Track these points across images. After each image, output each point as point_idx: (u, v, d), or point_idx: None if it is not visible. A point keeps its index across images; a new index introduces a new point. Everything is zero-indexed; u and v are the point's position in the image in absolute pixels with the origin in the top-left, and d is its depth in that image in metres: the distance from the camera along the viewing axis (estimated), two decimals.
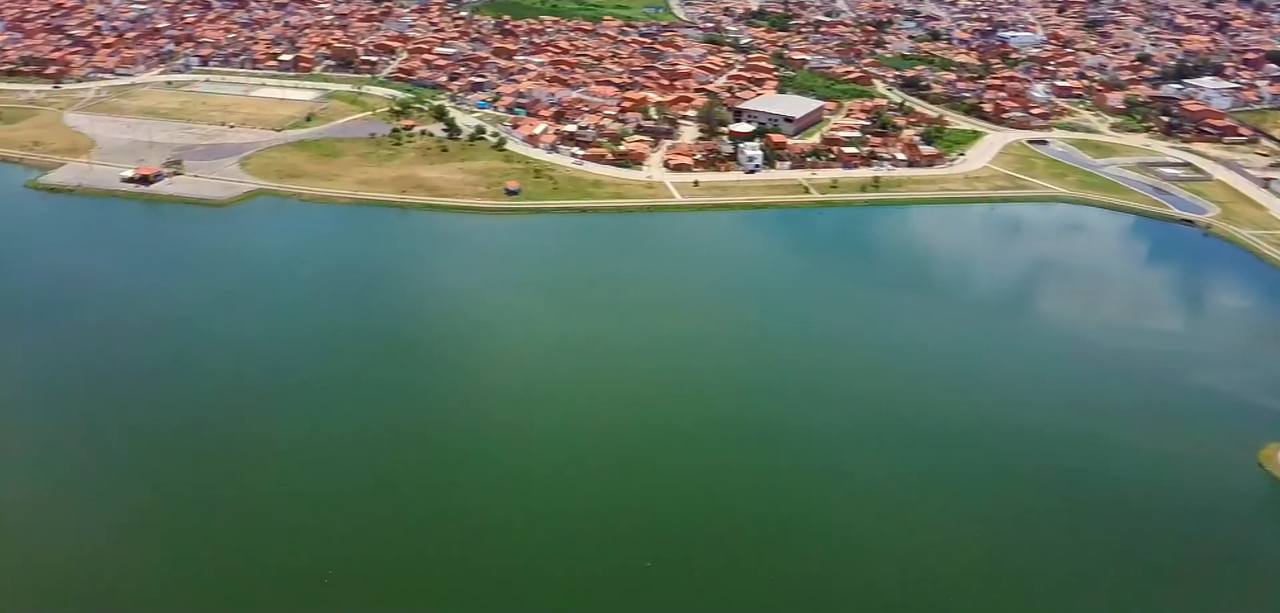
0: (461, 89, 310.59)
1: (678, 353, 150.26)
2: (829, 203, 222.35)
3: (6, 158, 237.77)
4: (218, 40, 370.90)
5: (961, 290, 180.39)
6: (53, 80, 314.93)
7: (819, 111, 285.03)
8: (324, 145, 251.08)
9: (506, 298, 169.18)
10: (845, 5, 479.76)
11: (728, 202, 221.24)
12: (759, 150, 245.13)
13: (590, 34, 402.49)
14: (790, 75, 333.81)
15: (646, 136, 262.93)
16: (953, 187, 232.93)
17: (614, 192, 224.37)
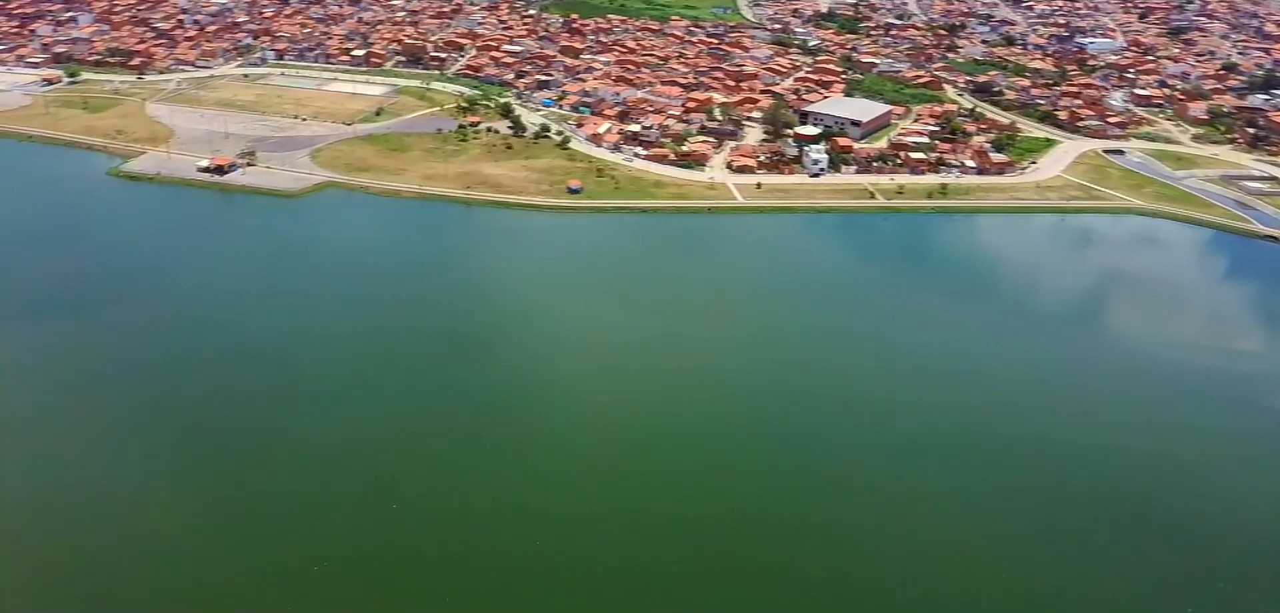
0: (528, 87, 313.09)
1: (734, 356, 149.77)
2: (894, 209, 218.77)
3: (91, 146, 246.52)
4: (294, 34, 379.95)
5: (1028, 302, 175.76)
6: (137, 71, 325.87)
7: (887, 116, 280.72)
8: (392, 140, 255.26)
9: (563, 296, 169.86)
10: (917, 8, 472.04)
11: (790, 205, 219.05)
12: (824, 154, 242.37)
13: (657, 34, 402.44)
14: (858, 78, 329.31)
15: (710, 137, 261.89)
16: (1023, 195, 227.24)
17: (675, 192, 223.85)
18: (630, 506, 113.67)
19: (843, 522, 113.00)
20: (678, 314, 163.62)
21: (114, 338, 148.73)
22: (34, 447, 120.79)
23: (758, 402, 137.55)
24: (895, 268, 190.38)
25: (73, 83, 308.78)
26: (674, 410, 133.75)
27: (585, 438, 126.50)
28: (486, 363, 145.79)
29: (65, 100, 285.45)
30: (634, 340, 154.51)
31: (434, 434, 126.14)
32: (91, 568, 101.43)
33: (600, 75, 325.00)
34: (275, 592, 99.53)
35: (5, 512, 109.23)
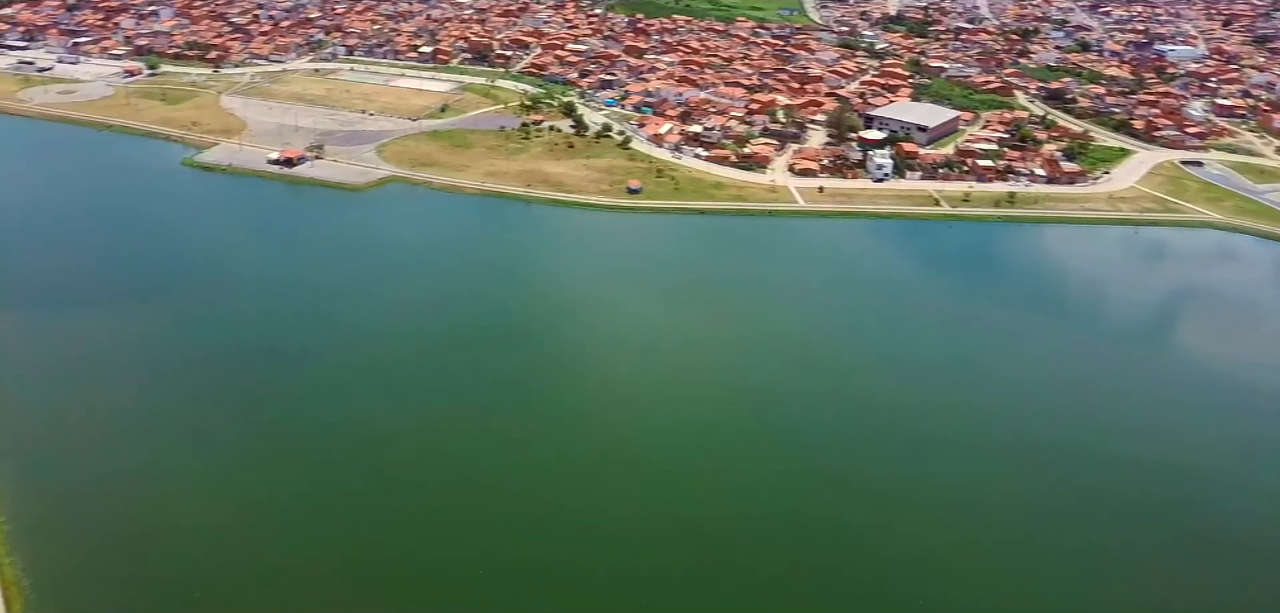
0: (591, 86, 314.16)
1: (789, 363, 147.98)
2: (959, 217, 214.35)
3: (168, 136, 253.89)
4: (364, 30, 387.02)
5: (1096, 317, 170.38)
6: (213, 64, 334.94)
7: (954, 122, 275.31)
8: (456, 136, 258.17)
9: (619, 296, 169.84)
10: (989, 12, 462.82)
11: (852, 210, 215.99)
12: (889, 159, 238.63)
13: (722, 34, 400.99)
14: (926, 83, 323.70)
15: (773, 140, 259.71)
16: (1094, 206, 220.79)
17: (736, 194, 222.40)
18: (678, 509, 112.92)
19: (899, 532, 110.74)
20: (731, 317, 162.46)
21: (179, 325, 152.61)
22: (96, 431, 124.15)
23: (811, 409, 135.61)
24: (958, 277, 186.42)
25: (153, 75, 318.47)
26: (727, 414, 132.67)
27: (636, 439, 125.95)
28: (539, 361, 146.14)
29: (145, 92, 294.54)
30: (686, 341, 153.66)
31: (486, 433, 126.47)
32: (144, 554, 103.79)
33: (663, 75, 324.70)
34: (321, 584, 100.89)
35: (64, 494, 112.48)
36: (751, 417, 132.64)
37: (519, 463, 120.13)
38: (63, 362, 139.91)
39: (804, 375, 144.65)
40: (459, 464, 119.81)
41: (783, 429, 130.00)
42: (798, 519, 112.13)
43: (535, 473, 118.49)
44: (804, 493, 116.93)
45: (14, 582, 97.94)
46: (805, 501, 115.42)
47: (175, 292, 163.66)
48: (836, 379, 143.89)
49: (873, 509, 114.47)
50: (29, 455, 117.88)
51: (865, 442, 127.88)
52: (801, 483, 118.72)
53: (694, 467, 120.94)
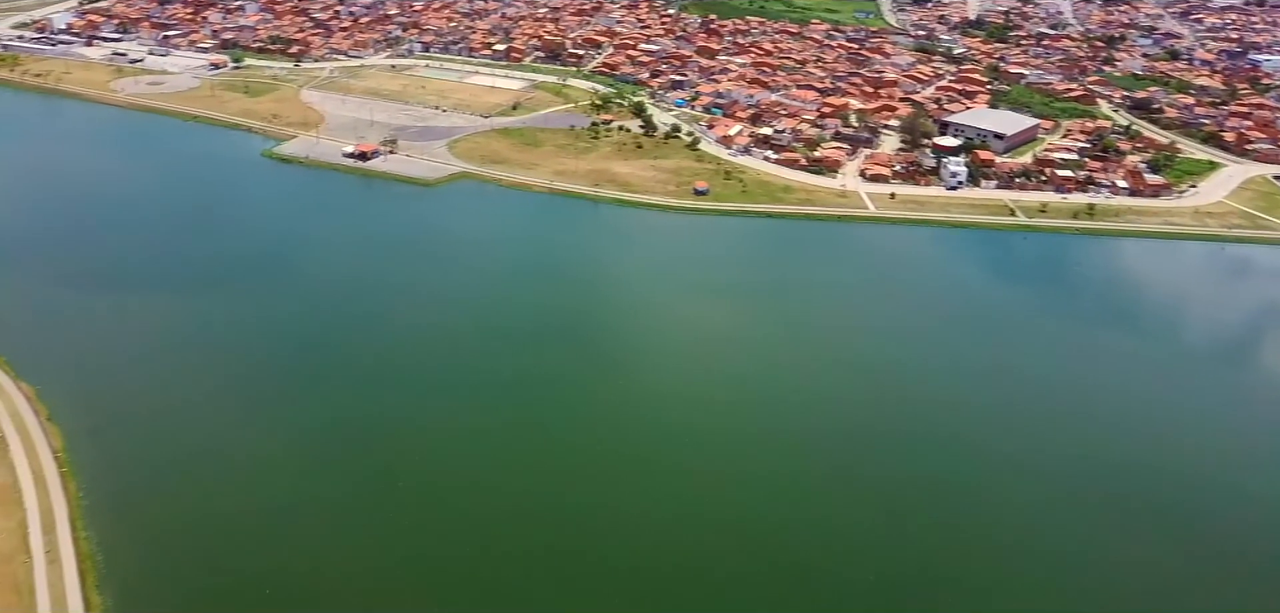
0: (661, 86, 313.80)
1: (850, 371, 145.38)
2: (1035, 228, 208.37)
3: (249, 128, 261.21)
4: (440, 27, 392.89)
5: (1177, 335, 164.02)
6: (295, 59, 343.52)
7: (1033, 130, 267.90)
8: (526, 134, 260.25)
9: (679, 297, 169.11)
10: (1073, 18, 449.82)
11: (924, 217, 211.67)
12: (963, 166, 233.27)
13: (795, 36, 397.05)
14: (1004, 90, 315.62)
15: (844, 144, 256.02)
16: (1179, 221, 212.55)
17: (804, 198, 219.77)
18: (729, 513, 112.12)
19: (954, 552, 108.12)
20: (793, 322, 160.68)
21: (252, 312, 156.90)
22: (171, 412, 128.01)
23: (868, 418, 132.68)
24: (1031, 289, 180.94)
25: (237, 68, 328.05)
26: (782, 421, 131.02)
27: (691, 441, 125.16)
28: (596, 360, 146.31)
29: (229, 84, 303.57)
30: (746, 346, 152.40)
31: (544, 431, 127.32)
32: (211, 534, 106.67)
33: (735, 77, 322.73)
34: (378, 574, 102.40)
35: (138, 473, 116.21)
36: (808, 424, 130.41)
37: (575, 462, 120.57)
38: (142, 344, 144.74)
39: (864, 383, 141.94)
40: (517, 462, 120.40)
41: (839, 438, 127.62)
42: (842, 530, 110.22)
43: (590, 472, 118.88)
44: (857, 503, 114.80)
45: (88, 555, 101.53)
46: (855, 511, 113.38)
47: (250, 280, 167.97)
48: (899, 391, 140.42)
49: (930, 532, 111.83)
50: (108, 434, 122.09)
51: (926, 458, 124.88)
52: (854, 493, 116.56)
53: (751, 472, 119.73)
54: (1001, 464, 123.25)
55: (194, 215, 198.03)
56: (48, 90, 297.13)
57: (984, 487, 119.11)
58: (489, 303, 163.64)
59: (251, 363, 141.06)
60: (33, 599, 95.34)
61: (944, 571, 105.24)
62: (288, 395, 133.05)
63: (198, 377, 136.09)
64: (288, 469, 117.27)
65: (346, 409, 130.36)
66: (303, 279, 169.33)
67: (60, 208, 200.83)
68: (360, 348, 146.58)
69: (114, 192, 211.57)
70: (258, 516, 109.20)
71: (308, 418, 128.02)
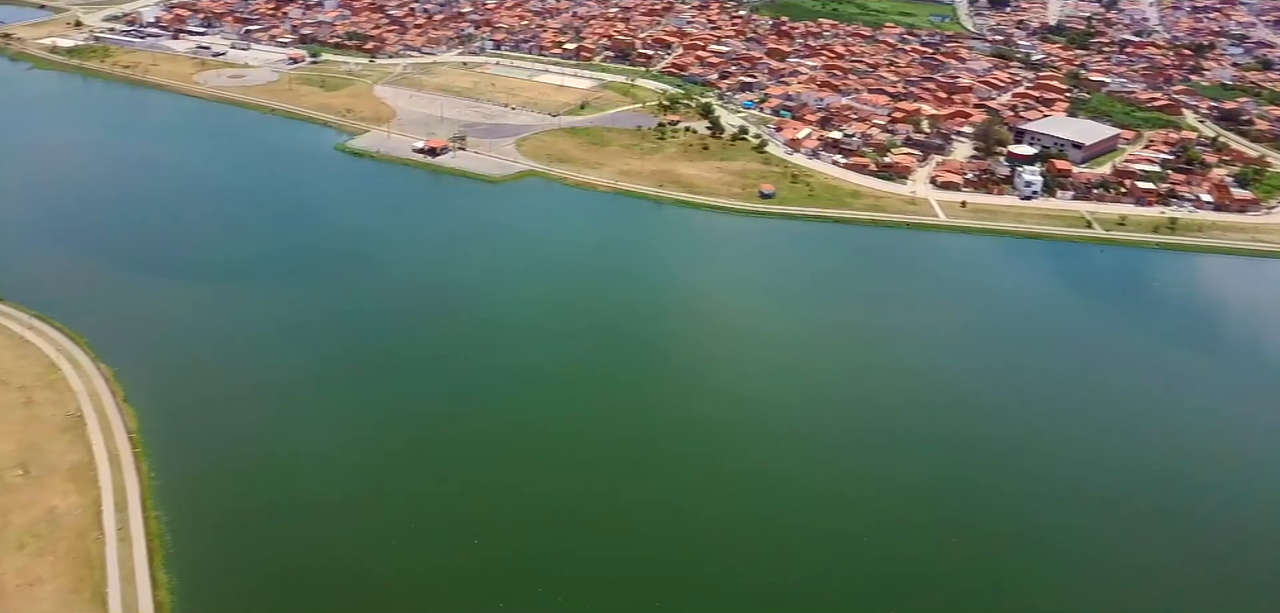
0: (730, 88, 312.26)
1: (913, 383, 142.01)
2: (1113, 241, 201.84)
3: (325, 121, 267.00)
4: (512, 26, 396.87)
5: (1263, 358, 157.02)
6: (370, 54, 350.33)
7: (1113, 140, 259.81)
8: (593, 133, 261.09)
9: (739, 300, 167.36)
10: (1159, 25, 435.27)
11: (996, 227, 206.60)
12: (1039, 176, 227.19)
13: (868, 40, 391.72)
14: (1084, 98, 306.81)
15: (915, 150, 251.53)
16: (1268, 238, 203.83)
17: (872, 204, 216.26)
18: (777, 516, 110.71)
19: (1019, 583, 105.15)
20: (855, 330, 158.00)
21: (322, 303, 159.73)
22: (242, 397, 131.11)
23: (931, 435, 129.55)
24: (1106, 305, 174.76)
25: (314, 62, 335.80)
26: (839, 429, 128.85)
27: (744, 446, 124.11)
28: (652, 361, 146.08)
29: (305, 78, 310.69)
30: (804, 350, 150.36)
31: (599, 430, 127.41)
32: (277, 518, 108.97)
33: (805, 79, 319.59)
34: (441, 566, 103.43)
35: (209, 455, 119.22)
36: (863, 433, 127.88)
37: (630, 459, 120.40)
38: (215, 331, 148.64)
39: (927, 395, 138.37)
40: (576, 459, 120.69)
41: (895, 453, 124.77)
42: (888, 540, 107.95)
43: (648, 470, 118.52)
44: (911, 517, 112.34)
45: (157, 535, 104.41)
46: (906, 522, 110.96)
47: (320, 271, 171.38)
48: (962, 405, 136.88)
49: (998, 562, 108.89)
50: (180, 417, 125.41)
51: (987, 478, 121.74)
52: (908, 510, 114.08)
53: (801, 482, 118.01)
54: (1072, 492, 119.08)
55: (268, 206, 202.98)
56: (135, 81, 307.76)
57: (1054, 518, 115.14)
58: (549, 300, 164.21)
59: (320, 353, 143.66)
60: (103, 574, 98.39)
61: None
62: (354, 386, 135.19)
63: (268, 364, 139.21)
64: (352, 459, 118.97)
65: (412, 401, 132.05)
66: (371, 272, 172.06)
67: (143, 196, 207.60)
68: (426, 341, 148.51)
69: (193, 181, 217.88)
70: (321, 504, 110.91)
71: (374, 409, 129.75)
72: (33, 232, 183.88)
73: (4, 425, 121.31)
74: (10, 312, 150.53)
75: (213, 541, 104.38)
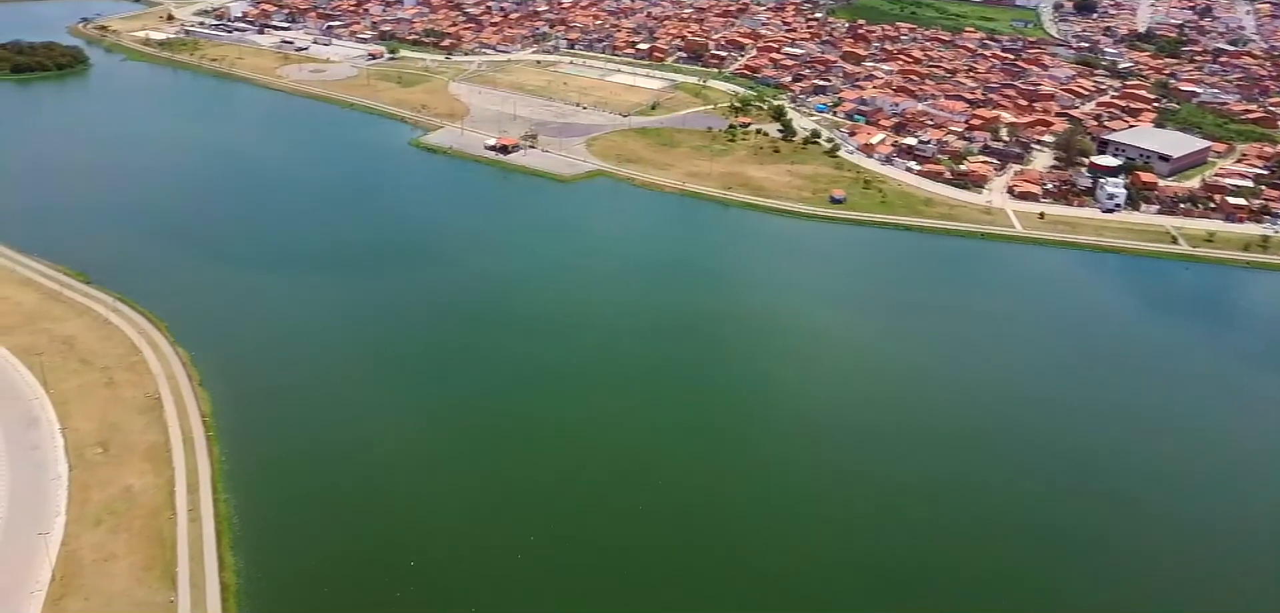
0: (803, 91, 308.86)
1: (982, 404, 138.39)
2: (1199, 258, 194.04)
3: (401, 117, 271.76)
4: (586, 25, 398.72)
5: None
6: (446, 51, 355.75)
7: (1203, 153, 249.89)
8: (663, 134, 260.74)
9: (805, 306, 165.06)
10: (1256, 34, 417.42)
11: (1075, 240, 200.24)
12: (1122, 188, 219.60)
13: (947, 45, 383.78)
14: (1173, 108, 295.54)
15: (992, 159, 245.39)
16: None
17: (946, 212, 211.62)
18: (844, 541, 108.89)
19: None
20: (922, 341, 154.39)
21: (393, 295, 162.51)
22: (311, 386, 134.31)
23: (1002, 452, 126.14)
24: (1191, 325, 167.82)
25: (392, 59, 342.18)
26: (903, 450, 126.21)
27: (800, 458, 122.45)
28: (711, 362, 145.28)
29: (384, 74, 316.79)
30: (867, 360, 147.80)
31: (659, 426, 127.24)
32: (344, 506, 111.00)
33: (880, 84, 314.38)
34: (504, 556, 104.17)
35: (278, 441, 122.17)
36: (933, 454, 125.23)
37: (693, 458, 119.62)
38: (288, 318, 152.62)
39: (996, 413, 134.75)
40: (629, 453, 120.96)
41: (965, 469, 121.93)
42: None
43: (712, 469, 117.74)
44: (969, 538, 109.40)
45: (226, 517, 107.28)
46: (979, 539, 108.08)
47: (391, 264, 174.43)
48: (1035, 428, 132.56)
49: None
50: (251, 402, 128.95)
51: (1058, 504, 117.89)
52: (969, 528, 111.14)
53: (863, 497, 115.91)
54: (1150, 524, 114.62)
55: (342, 200, 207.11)
56: (222, 74, 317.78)
57: (1137, 562, 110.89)
58: (611, 299, 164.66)
59: (389, 343, 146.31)
60: (174, 553, 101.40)
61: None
62: (418, 377, 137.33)
63: (336, 354, 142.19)
64: (414, 448, 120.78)
65: (473, 393, 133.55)
66: (439, 267, 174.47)
67: (225, 185, 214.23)
68: (489, 336, 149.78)
69: (272, 173, 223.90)
70: (383, 492, 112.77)
71: (436, 400, 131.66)
72: (121, 218, 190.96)
73: (87, 405, 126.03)
74: (97, 295, 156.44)
75: (277, 525, 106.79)
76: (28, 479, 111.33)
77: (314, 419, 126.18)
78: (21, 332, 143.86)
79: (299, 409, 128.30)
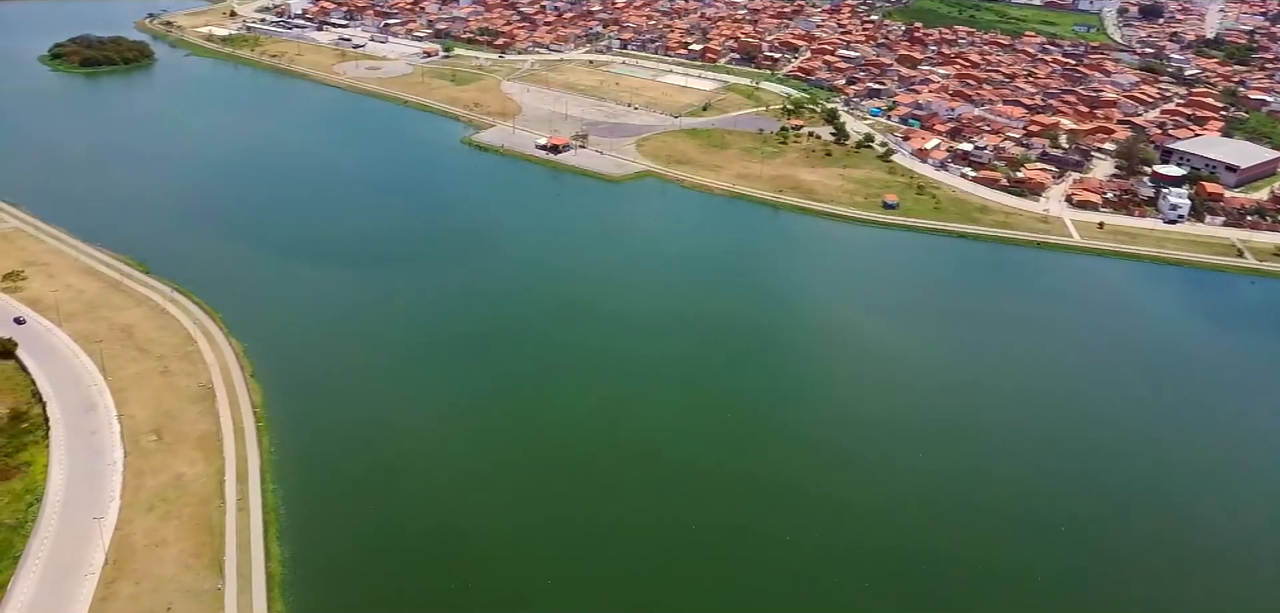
0: (857, 94, 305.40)
1: (1033, 417, 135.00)
2: (1267, 272, 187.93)
3: (453, 115, 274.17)
4: (639, 25, 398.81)
5: None
6: (500, 50, 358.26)
7: (1273, 164, 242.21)
8: (714, 136, 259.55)
9: (852, 311, 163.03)
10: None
11: (1135, 252, 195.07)
12: (1186, 199, 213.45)
13: (1006, 49, 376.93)
14: (1242, 117, 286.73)
15: (1051, 166, 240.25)
16: None
17: (1001, 220, 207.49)
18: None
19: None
20: (973, 349, 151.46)
21: (440, 289, 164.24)
22: (358, 377, 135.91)
23: (1054, 472, 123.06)
24: (1257, 343, 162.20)
25: (446, 56, 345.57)
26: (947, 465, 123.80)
27: (849, 465, 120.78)
28: (758, 364, 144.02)
29: (438, 72, 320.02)
30: (917, 368, 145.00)
31: (697, 426, 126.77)
32: (389, 498, 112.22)
33: (936, 88, 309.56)
34: (553, 540, 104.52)
35: (325, 432, 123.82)
36: (978, 468, 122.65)
37: (735, 457, 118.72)
38: (338, 311, 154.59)
39: (1047, 428, 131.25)
40: (668, 448, 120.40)
41: (1015, 485, 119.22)
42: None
43: (747, 468, 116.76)
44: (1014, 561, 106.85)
45: (273, 508, 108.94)
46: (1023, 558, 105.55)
47: (440, 260, 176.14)
48: (1088, 445, 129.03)
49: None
50: (300, 394, 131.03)
51: (1108, 531, 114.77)
52: (1015, 549, 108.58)
53: (905, 510, 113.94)
54: (1204, 545, 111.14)
55: (394, 197, 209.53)
56: (280, 70, 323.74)
57: (1187, 572, 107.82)
58: (653, 300, 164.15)
59: (435, 339, 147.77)
60: (222, 541, 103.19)
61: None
62: (466, 374, 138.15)
63: (386, 348, 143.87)
64: (462, 447, 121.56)
65: (523, 391, 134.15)
66: (487, 262, 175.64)
67: (279, 179, 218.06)
68: (537, 333, 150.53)
69: (326, 168, 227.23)
70: (431, 489, 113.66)
71: (486, 398, 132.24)
72: (180, 208, 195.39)
73: (143, 392, 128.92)
74: (156, 284, 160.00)
75: (323, 517, 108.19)
76: (85, 464, 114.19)
77: (361, 413, 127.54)
78: (83, 319, 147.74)
79: (347, 403, 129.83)
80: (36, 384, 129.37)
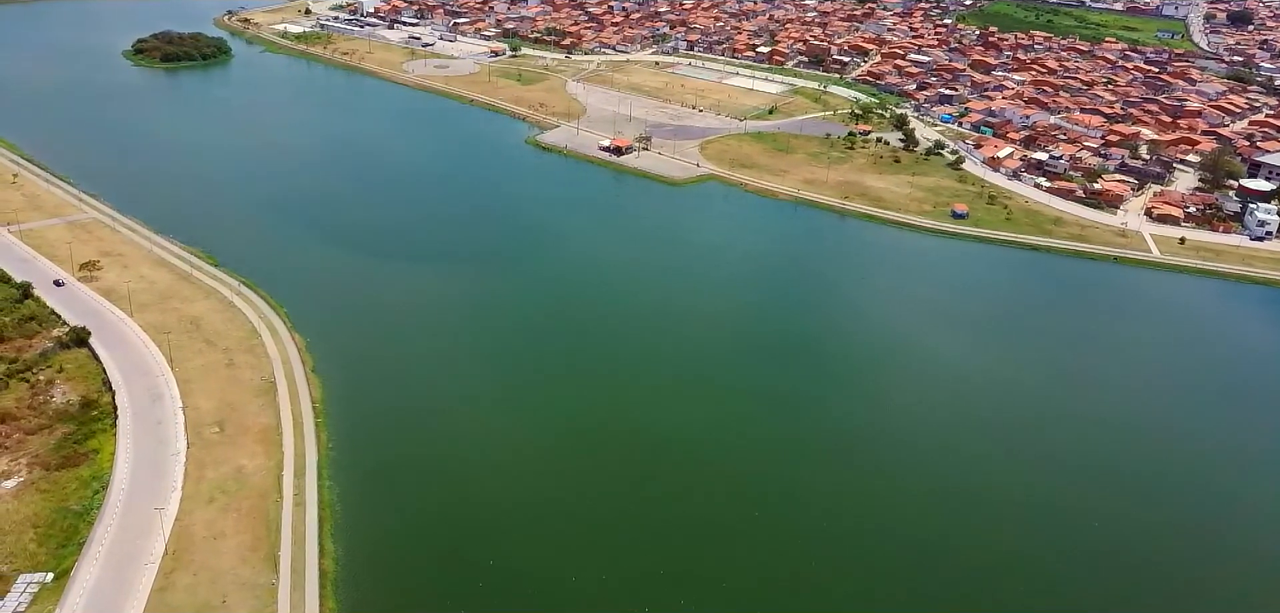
0: (928, 99, 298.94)
1: (1106, 443, 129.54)
2: None
3: (519, 115, 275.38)
4: (706, 27, 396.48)
5: None
6: (566, 50, 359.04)
7: None
8: (779, 140, 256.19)
9: (918, 324, 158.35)
10: None
11: (1218, 269, 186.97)
12: (1275, 214, 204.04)
13: (1085, 55, 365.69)
14: None
15: (1129, 178, 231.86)
16: None
17: (1076, 233, 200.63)
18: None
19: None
20: (1044, 369, 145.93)
21: (500, 287, 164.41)
22: (414, 373, 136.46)
23: (1125, 521, 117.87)
24: None
25: (513, 56, 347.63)
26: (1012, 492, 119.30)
27: (891, 489, 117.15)
28: (816, 374, 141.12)
29: (504, 71, 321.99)
30: (984, 386, 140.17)
31: (749, 434, 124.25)
32: (442, 500, 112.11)
33: (1010, 95, 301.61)
34: (606, 544, 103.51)
35: (379, 427, 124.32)
36: (1048, 500, 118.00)
37: (788, 468, 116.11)
38: (399, 308, 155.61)
39: (1119, 456, 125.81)
40: (723, 454, 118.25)
41: (1089, 517, 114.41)
42: None
43: (816, 479, 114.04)
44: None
45: (329, 504, 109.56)
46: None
47: (500, 259, 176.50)
48: (1162, 476, 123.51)
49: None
50: (359, 390, 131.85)
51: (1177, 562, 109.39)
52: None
53: (965, 543, 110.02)
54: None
55: (458, 196, 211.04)
56: (351, 68, 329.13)
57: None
58: (717, 307, 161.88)
59: (494, 340, 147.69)
60: (278, 536, 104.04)
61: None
62: (524, 377, 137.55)
63: (445, 346, 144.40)
64: (519, 450, 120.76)
65: (581, 399, 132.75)
66: (547, 263, 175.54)
67: (347, 175, 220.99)
68: (592, 331, 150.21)
69: (392, 166, 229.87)
70: (484, 490, 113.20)
71: (544, 403, 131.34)
72: (249, 202, 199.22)
73: (208, 384, 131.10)
74: (224, 277, 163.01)
75: (378, 515, 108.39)
76: (149, 453, 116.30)
77: (419, 409, 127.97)
78: (154, 310, 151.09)
79: (405, 399, 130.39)
80: (107, 373, 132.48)
